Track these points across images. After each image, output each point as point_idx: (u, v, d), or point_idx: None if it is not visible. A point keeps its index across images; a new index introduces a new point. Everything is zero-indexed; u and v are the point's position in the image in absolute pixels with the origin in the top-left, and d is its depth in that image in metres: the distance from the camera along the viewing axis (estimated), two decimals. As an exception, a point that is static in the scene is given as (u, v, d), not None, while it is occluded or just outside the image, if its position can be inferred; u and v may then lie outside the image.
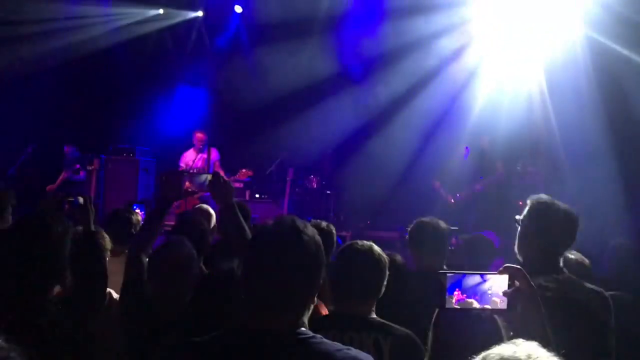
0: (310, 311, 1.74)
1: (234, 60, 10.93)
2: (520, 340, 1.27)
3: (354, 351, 1.69)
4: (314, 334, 1.68)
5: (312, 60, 9.85)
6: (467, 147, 8.77)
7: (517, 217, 2.89)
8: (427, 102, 9.16)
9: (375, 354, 2.27)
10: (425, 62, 9.11)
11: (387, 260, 2.59)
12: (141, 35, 10.75)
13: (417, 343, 2.44)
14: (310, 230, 1.72)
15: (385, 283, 2.54)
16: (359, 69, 10.11)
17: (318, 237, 1.73)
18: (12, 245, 2.47)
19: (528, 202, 2.88)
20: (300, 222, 1.73)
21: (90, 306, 2.84)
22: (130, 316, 2.73)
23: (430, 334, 2.25)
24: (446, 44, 9.02)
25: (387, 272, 2.56)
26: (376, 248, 2.60)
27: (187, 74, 11.19)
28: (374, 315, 2.52)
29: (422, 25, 8.84)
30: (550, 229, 2.73)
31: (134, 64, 10.71)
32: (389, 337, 2.41)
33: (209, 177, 3.01)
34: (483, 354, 1.27)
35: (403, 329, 2.49)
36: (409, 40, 8.96)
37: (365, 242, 2.63)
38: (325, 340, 1.68)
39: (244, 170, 9.26)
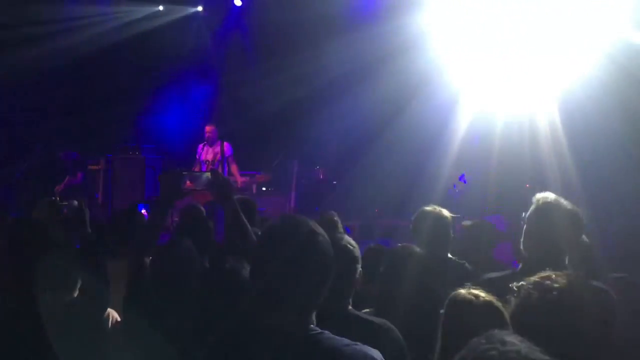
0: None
1: (235, 54, 10.92)
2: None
3: (361, 346, 1.69)
4: (322, 330, 1.69)
5: (316, 52, 9.78)
6: (477, 136, 8.77)
7: (524, 214, 2.90)
8: (436, 91, 9.08)
9: None
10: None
11: (357, 252, 2.50)
12: (142, 32, 10.75)
13: (388, 332, 2.36)
14: (322, 230, 1.74)
15: (357, 275, 2.46)
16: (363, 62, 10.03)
17: (327, 236, 1.75)
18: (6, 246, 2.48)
19: (534, 200, 2.90)
20: (311, 222, 1.74)
21: (94, 307, 2.87)
22: (134, 318, 2.74)
23: (441, 321, 2.25)
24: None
25: (359, 265, 2.48)
26: (346, 239, 2.51)
27: (189, 70, 11.19)
28: (349, 308, 2.45)
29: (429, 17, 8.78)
30: (555, 229, 2.75)
31: (135, 62, 10.72)
32: (354, 329, 2.20)
33: (209, 175, 2.99)
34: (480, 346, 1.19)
35: (375, 319, 2.41)
36: (414, 33, 8.88)
37: (336, 234, 2.52)
38: (333, 336, 1.68)
39: (261, 174, 9.31)
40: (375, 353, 1.69)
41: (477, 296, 2.17)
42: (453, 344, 1.30)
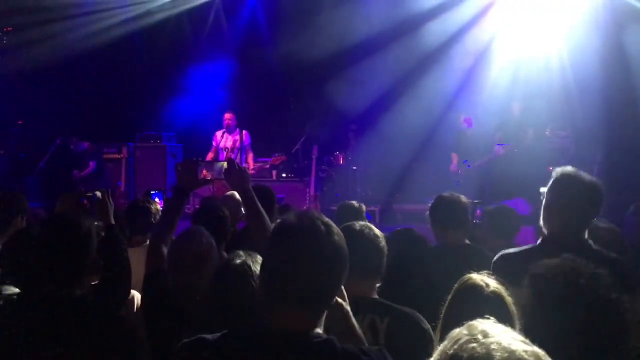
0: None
1: (252, 40, 10.91)
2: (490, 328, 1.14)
3: (373, 356, 1.62)
4: (328, 336, 1.62)
5: (333, 36, 9.72)
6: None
7: (542, 189, 2.86)
8: (449, 73, 9.03)
9: (370, 336, 2.23)
10: (443, 31, 8.97)
11: (383, 238, 2.50)
12: (160, 20, 10.78)
13: (418, 322, 2.34)
14: (336, 227, 1.67)
15: (384, 262, 2.46)
16: (379, 41, 9.94)
17: (342, 235, 1.68)
18: (44, 243, 2.54)
19: (553, 173, 2.84)
20: (325, 218, 1.67)
21: (116, 297, 2.90)
22: (153, 307, 2.76)
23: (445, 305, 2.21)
24: (463, 13, 8.88)
25: (386, 251, 2.47)
26: (373, 227, 2.51)
27: (206, 57, 11.18)
28: (375, 296, 2.43)
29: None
30: (573, 202, 2.69)
31: (154, 50, 10.75)
32: (385, 317, 2.31)
33: (225, 164, 2.99)
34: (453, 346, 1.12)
35: (405, 308, 2.39)
36: (424, 10, 8.82)
37: (362, 222, 2.56)
38: (339, 344, 1.61)
39: (277, 155, 9.32)
40: None
41: (487, 284, 2.11)
42: (453, 327, 1.28)
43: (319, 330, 1.63)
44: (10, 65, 9.78)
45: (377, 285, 2.50)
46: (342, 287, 1.81)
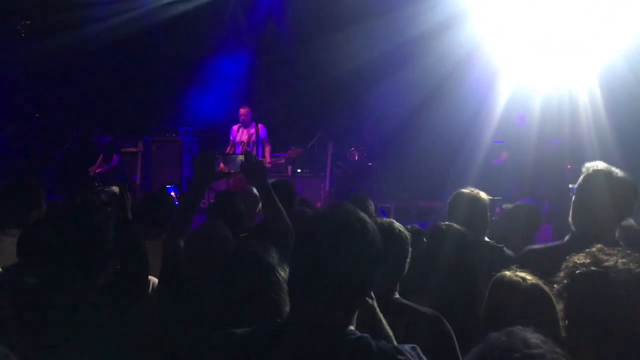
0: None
1: (270, 34, 10.88)
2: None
3: (408, 355, 1.55)
4: (362, 334, 1.56)
5: (352, 32, 9.66)
6: (520, 114, 8.52)
7: (571, 185, 2.79)
8: (472, 72, 8.92)
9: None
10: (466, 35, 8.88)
11: (409, 237, 2.44)
12: (177, 15, 10.79)
13: (438, 323, 2.28)
14: (372, 223, 1.61)
15: (408, 260, 2.41)
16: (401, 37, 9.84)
17: (378, 232, 1.62)
18: (54, 233, 2.53)
19: (583, 169, 2.75)
20: (361, 214, 1.60)
21: (132, 293, 2.88)
22: (169, 301, 2.75)
23: (484, 304, 2.20)
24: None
25: (410, 249, 2.43)
26: (397, 224, 2.44)
27: (223, 51, 11.18)
28: (396, 296, 2.37)
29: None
30: (603, 198, 2.59)
31: (171, 44, 10.77)
32: (405, 317, 2.25)
33: (242, 157, 2.97)
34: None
35: (425, 309, 2.32)
36: (451, 12, 8.73)
37: (385, 219, 2.50)
38: (373, 342, 1.54)
39: (293, 148, 9.31)
40: None
41: (523, 279, 2.08)
42: (498, 328, 1.24)
43: (352, 328, 1.57)
44: (28, 58, 9.85)
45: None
46: None
